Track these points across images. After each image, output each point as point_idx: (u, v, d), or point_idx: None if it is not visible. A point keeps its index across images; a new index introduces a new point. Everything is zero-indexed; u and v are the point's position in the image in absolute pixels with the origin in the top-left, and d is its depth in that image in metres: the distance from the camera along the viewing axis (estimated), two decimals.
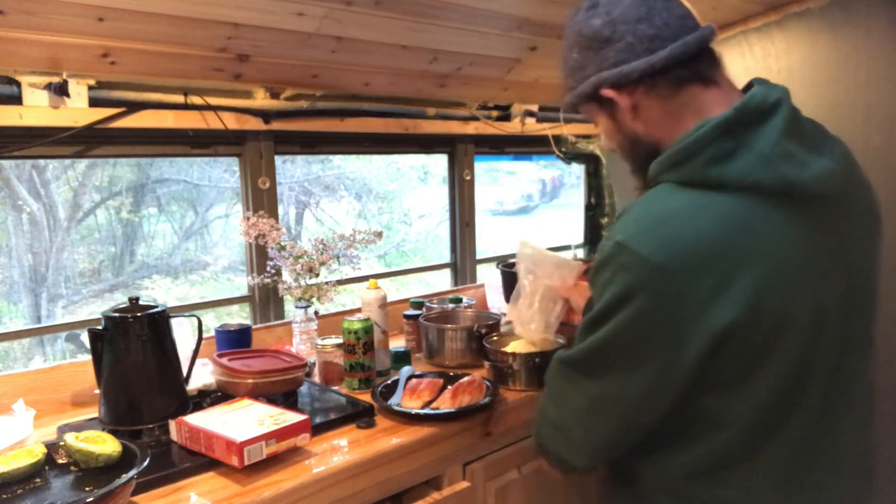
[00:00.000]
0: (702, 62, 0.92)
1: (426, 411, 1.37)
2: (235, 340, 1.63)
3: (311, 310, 1.72)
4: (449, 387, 1.44)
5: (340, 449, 1.24)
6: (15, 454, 1.05)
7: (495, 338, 1.69)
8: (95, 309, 3.36)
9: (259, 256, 1.86)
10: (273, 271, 1.75)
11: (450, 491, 1.34)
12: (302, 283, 1.73)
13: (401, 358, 1.70)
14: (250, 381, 1.37)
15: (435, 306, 2.00)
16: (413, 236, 4.72)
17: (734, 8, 2.05)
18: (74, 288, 3.38)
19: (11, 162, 2.56)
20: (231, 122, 1.75)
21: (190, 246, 3.91)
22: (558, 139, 2.56)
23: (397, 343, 1.87)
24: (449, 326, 1.76)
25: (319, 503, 1.14)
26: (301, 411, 1.31)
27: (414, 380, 1.49)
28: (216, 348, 1.62)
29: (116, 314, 1.26)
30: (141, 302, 1.30)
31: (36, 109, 1.46)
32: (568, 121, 2.57)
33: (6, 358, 2.90)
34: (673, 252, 0.80)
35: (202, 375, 1.48)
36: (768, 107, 0.84)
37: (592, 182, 2.80)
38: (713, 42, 0.94)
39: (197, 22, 1.44)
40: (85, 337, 1.39)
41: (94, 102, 1.54)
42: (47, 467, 1.08)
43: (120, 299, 1.65)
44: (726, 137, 0.84)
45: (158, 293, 3.68)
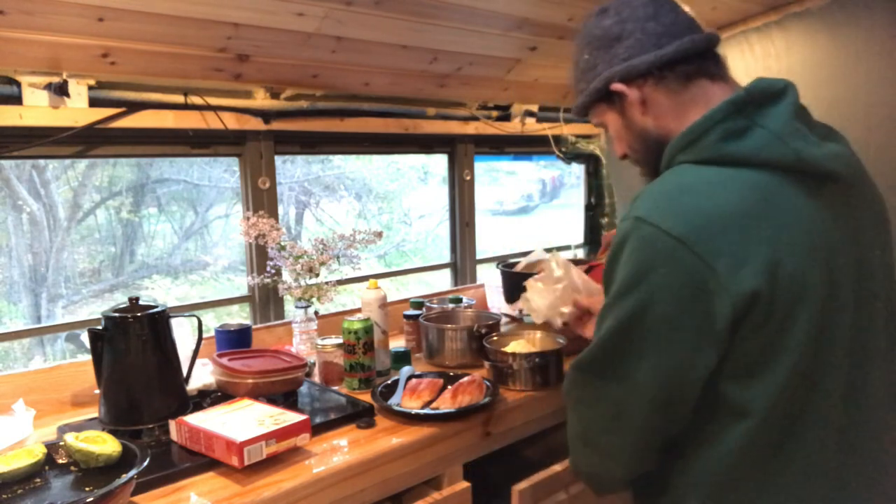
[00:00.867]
0: (708, 59, 0.96)
1: (426, 411, 1.37)
2: (235, 340, 1.63)
3: (311, 310, 1.72)
4: (449, 387, 1.44)
5: (340, 449, 1.24)
6: (15, 454, 1.05)
7: (495, 338, 1.69)
8: (95, 309, 3.36)
9: (259, 256, 1.86)
10: (273, 271, 1.75)
11: (450, 491, 1.34)
12: (302, 283, 1.73)
13: (401, 358, 1.70)
14: (250, 381, 1.37)
15: (435, 306, 2.00)
16: (413, 236, 4.72)
17: (734, 8, 2.05)
18: (74, 288, 3.38)
19: (11, 162, 2.56)
20: (231, 122, 1.75)
21: (190, 246, 3.91)
22: (558, 139, 2.56)
23: (397, 343, 1.87)
24: (449, 326, 1.76)
25: (319, 503, 1.14)
26: (301, 411, 1.31)
27: (414, 380, 1.49)
28: (216, 348, 1.62)
29: (116, 314, 1.26)
30: (141, 302, 1.30)
31: (36, 109, 1.46)
32: (568, 121, 2.58)
33: (6, 358, 2.90)
34: (692, 222, 0.80)
35: (202, 375, 1.48)
36: (777, 91, 0.87)
37: (592, 182, 2.80)
38: (718, 47, 0.98)
39: (197, 22, 1.44)
40: (85, 337, 1.39)
41: (94, 102, 1.54)
42: (47, 467, 1.08)
43: (120, 299, 1.65)
44: (738, 116, 0.85)
45: (158, 293, 3.68)
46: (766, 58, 2.06)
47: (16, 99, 1.45)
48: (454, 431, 1.35)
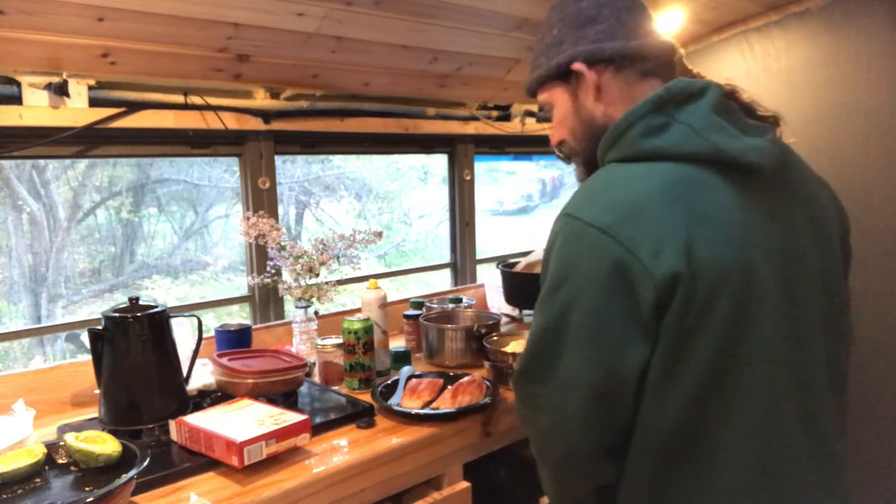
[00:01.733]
0: (669, 65, 1.00)
1: (426, 411, 1.37)
2: (235, 340, 1.63)
3: (311, 310, 1.72)
4: (449, 387, 1.44)
5: (340, 449, 1.24)
6: (15, 454, 1.05)
7: (495, 338, 1.69)
8: (95, 309, 3.36)
9: (259, 256, 1.86)
10: (273, 271, 1.75)
11: (450, 491, 1.34)
12: (302, 283, 1.73)
13: (401, 358, 1.70)
14: (250, 381, 1.37)
15: (435, 306, 2.00)
16: (413, 236, 4.72)
17: (734, 8, 2.05)
18: (74, 288, 3.38)
19: (11, 162, 2.56)
20: (231, 122, 1.75)
21: (190, 246, 3.91)
22: None
23: (397, 343, 1.87)
24: (449, 326, 1.76)
25: (319, 503, 1.14)
26: (301, 411, 1.31)
27: (414, 380, 1.49)
28: (216, 348, 1.62)
29: (116, 314, 1.26)
30: (141, 302, 1.30)
31: (36, 109, 1.46)
32: None
33: (6, 358, 2.90)
34: (615, 213, 0.82)
35: (202, 375, 1.48)
36: (696, 90, 0.89)
37: None
38: (675, 59, 1.02)
39: (197, 22, 1.44)
40: (85, 337, 1.39)
41: (94, 102, 1.54)
42: (47, 467, 1.08)
43: (120, 299, 1.65)
44: (657, 113, 0.88)
45: (158, 293, 3.68)
46: (766, 58, 2.06)
47: (16, 99, 1.45)
48: (454, 431, 1.35)
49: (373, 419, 1.35)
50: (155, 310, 1.28)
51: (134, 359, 1.26)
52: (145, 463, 1.03)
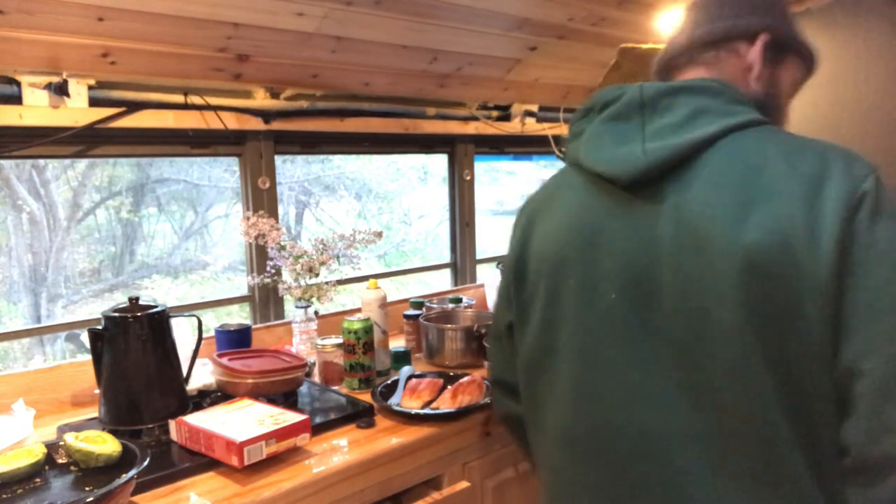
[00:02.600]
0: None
1: (426, 411, 1.37)
2: (235, 340, 1.63)
3: (311, 310, 1.72)
4: (449, 387, 1.44)
5: (340, 449, 1.24)
6: (15, 454, 1.05)
7: None
8: (95, 309, 3.36)
9: (259, 256, 1.86)
10: (273, 271, 1.75)
11: (450, 491, 1.34)
12: (302, 283, 1.73)
13: (401, 358, 1.70)
14: (250, 381, 1.37)
15: (435, 306, 2.00)
16: (413, 236, 4.72)
17: None
18: (74, 288, 3.38)
19: (11, 162, 2.56)
20: (231, 122, 1.75)
21: (190, 246, 3.91)
22: (558, 139, 2.56)
23: (397, 343, 1.87)
24: (449, 326, 1.76)
25: (319, 503, 1.14)
26: (301, 411, 1.31)
27: (414, 380, 1.49)
28: (216, 348, 1.62)
29: (116, 314, 1.26)
30: (141, 302, 1.30)
31: (36, 109, 1.46)
32: (568, 121, 2.57)
33: (6, 358, 2.90)
34: (521, 211, 1.05)
35: (202, 375, 1.48)
36: (610, 99, 0.92)
37: None
38: None
39: (197, 22, 1.44)
40: (85, 337, 1.39)
41: (94, 102, 1.54)
42: (47, 467, 1.08)
43: (120, 299, 1.64)
44: (582, 119, 0.97)
45: (158, 293, 3.68)
46: None
47: (16, 99, 1.45)
48: (454, 431, 1.35)
49: (373, 419, 1.35)
50: (155, 310, 1.28)
51: (134, 359, 1.26)
52: (145, 463, 1.03)
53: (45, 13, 1.28)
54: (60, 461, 1.10)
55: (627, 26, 2.06)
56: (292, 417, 1.21)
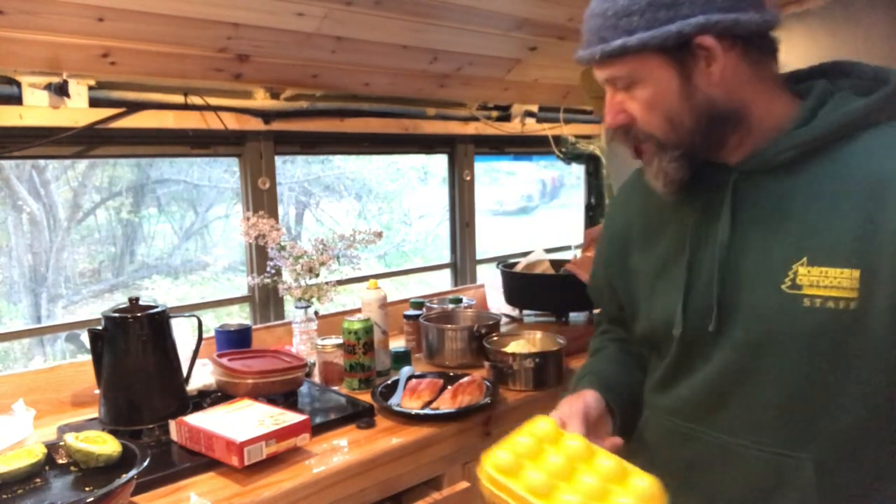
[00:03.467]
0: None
1: (426, 411, 1.37)
2: (235, 340, 1.63)
3: (311, 310, 1.72)
4: (449, 387, 1.44)
5: (340, 449, 1.24)
6: (15, 454, 1.05)
7: (495, 338, 1.69)
8: (95, 309, 3.36)
9: (259, 256, 1.86)
10: (273, 271, 1.75)
11: (450, 491, 1.34)
12: (302, 283, 1.73)
13: (401, 358, 1.70)
14: (250, 381, 1.37)
15: (435, 306, 2.00)
16: (413, 236, 4.72)
17: None
18: (74, 288, 3.38)
19: (11, 162, 2.56)
20: (231, 123, 1.75)
21: (190, 246, 3.91)
22: (558, 139, 2.56)
23: (397, 343, 1.87)
24: (449, 326, 1.76)
25: (319, 503, 1.14)
26: (301, 411, 1.31)
27: (414, 380, 1.49)
28: (216, 348, 1.62)
29: (116, 314, 1.26)
30: (141, 302, 1.30)
31: (36, 109, 1.46)
32: (568, 121, 2.57)
33: (6, 358, 2.90)
34: None
35: (202, 375, 1.48)
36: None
37: (592, 182, 2.80)
38: None
39: (197, 22, 1.44)
40: (85, 337, 1.39)
41: (94, 102, 1.54)
42: (47, 467, 1.08)
43: (120, 299, 1.64)
44: None
45: (158, 293, 3.68)
46: None
47: (16, 99, 1.45)
48: (454, 431, 1.35)
49: (373, 419, 1.35)
50: (155, 310, 1.28)
51: (134, 359, 1.26)
52: (145, 463, 1.03)
53: (46, 13, 1.28)
54: (60, 461, 1.10)
55: None
56: (292, 418, 1.21)
